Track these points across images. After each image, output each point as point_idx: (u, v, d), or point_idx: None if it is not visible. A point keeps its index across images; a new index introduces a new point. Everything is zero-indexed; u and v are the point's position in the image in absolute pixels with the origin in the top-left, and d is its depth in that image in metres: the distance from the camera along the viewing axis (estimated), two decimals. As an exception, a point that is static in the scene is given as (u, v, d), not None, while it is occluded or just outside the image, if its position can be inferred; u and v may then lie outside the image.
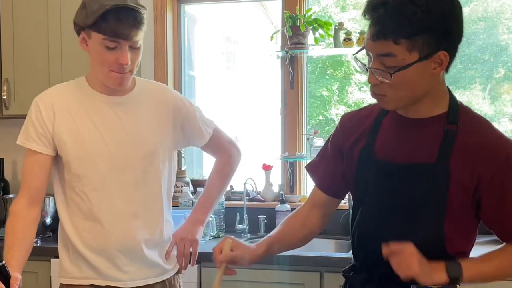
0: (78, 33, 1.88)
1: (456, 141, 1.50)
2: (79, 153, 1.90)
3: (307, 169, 1.86)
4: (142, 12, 1.82)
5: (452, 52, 1.47)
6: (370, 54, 1.48)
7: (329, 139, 1.77)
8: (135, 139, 1.93)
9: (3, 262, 1.62)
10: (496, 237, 2.60)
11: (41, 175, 1.91)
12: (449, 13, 1.43)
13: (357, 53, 1.55)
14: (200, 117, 2.09)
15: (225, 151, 2.17)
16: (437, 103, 1.54)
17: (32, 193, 1.91)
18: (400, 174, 1.55)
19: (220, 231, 3.20)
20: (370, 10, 1.45)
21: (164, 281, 2.01)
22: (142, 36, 1.86)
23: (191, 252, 2.08)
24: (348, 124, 1.71)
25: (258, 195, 3.42)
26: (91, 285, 1.94)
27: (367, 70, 1.50)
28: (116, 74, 1.85)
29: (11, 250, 1.81)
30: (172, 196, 2.09)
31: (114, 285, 1.94)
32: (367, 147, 1.62)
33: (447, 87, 1.58)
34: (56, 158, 1.94)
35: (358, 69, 1.56)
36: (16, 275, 1.69)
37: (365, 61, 1.53)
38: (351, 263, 1.72)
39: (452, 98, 1.56)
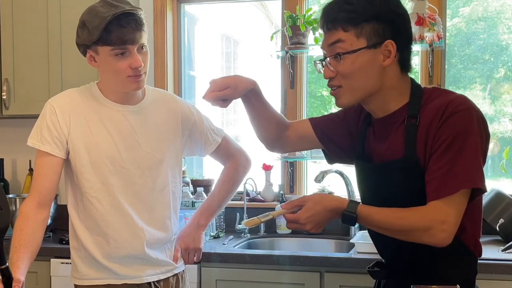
0: (84, 53, 1.90)
1: (418, 132, 1.54)
2: (93, 159, 1.93)
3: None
4: (140, 14, 1.86)
5: (400, 45, 1.55)
6: (325, 50, 1.60)
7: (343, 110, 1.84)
8: (146, 147, 1.98)
9: (7, 264, 1.62)
10: (498, 237, 2.61)
11: (52, 178, 1.93)
12: (394, 7, 1.56)
13: (323, 60, 1.62)
14: (208, 125, 2.13)
15: (233, 159, 2.19)
16: (400, 98, 1.60)
17: (43, 195, 1.92)
18: (377, 174, 1.64)
19: (220, 231, 3.19)
20: (323, 9, 1.60)
21: (176, 274, 2.09)
22: (146, 37, 1.89)
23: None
24: (357, 109, 1.78)
25: (258, 195, 3.42)
26: (108, 284, 1.98)
27: (323, 65, 1.60)
28: (133, 78, 1.88)
29: (17, 251, 1.81)
30: (180, 201, 2.14)
31: (130, 283, 1.99)
32: (357, 151, 1.73)
33: (412, 80, 1.63)
34: (68, 164, 1.97)
35: (320, 71, 1.64)
36: (18, 278, 1.69)
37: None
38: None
39: (413, 89, 1.61)
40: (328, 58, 1.58)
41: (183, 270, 2.14)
